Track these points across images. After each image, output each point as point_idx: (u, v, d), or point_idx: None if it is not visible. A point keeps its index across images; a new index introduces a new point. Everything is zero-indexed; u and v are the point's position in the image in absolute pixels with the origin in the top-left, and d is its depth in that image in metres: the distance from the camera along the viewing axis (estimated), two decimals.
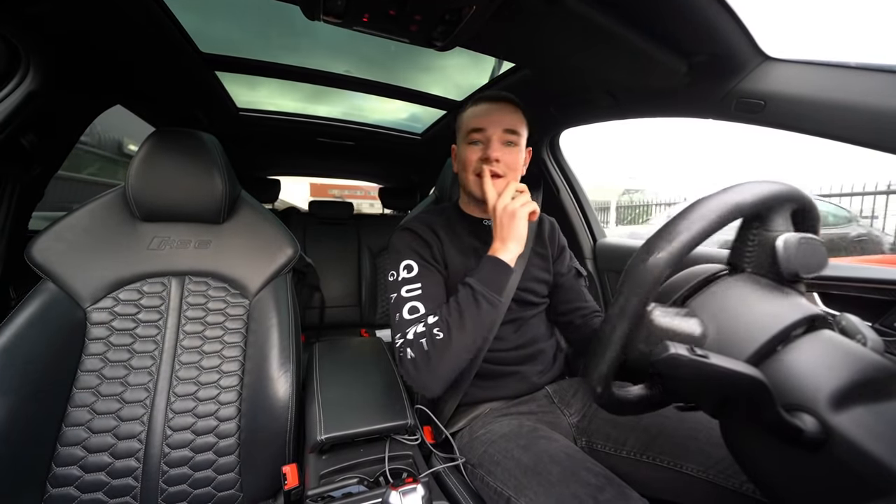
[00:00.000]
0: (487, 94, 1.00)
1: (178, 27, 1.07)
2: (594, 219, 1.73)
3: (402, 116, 2.03)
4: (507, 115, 0.95)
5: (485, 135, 0.94)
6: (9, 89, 0.92)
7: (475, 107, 0.98)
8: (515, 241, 0.84)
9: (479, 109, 0.97)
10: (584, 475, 0.67)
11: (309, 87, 1.61)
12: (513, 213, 0.83)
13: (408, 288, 0.87)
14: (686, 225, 0.45)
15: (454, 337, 0.78)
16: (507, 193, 0.85)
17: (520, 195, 0.85)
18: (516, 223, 0.83)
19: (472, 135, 0.95)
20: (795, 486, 0.43)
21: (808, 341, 0.44)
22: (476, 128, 0.94)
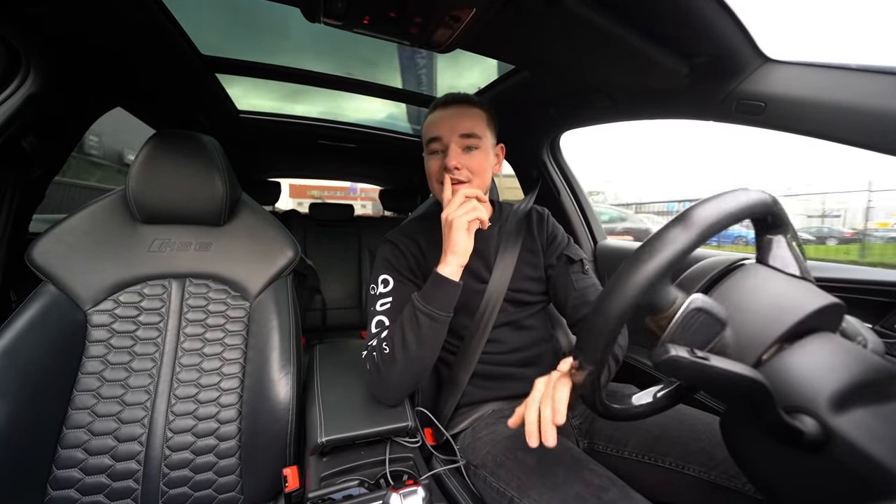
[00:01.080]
0: (442, 98, 0.97)
1: (178, 29, 1.07)
2: (595, 221, 1.73)
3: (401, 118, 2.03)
4: (463, 119, 0.92)
5: (442, 143, 0.92)
6: (9, 91, 0.92)
7: (431, 114, 0.96)
8: (454, 252, 0.81)
9: (435, 117, 0.95)
10: (589, 476, 0.67)
11: (308, 89, 1.61)
12: (450, 224, 0.80)
13: (381, 302, 0.91)
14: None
15: (397, 352, 0.81)
16: (454, 203, 0.81)
17: (467, 202, 0.81)
18: (453, 234, 0.80)
19: (430, 144, 0.94)
20: (796, 487, 0.43)
21: (809, 343, 0.44)
22: (432, 137, 0.93)
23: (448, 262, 0.82)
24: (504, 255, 0.99)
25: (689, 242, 0.42)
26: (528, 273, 1.02)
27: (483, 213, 0.82)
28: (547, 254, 1.05)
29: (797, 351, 0.43)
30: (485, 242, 1.02)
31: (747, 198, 0.45)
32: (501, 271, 0.98)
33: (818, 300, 0.45)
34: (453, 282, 0.82)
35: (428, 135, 0.94)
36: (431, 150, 0.94)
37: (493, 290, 0.96)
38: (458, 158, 0.90)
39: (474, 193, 0.83)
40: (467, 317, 0.96)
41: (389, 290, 0.91)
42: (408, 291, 0.91)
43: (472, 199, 0.82)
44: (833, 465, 0.38)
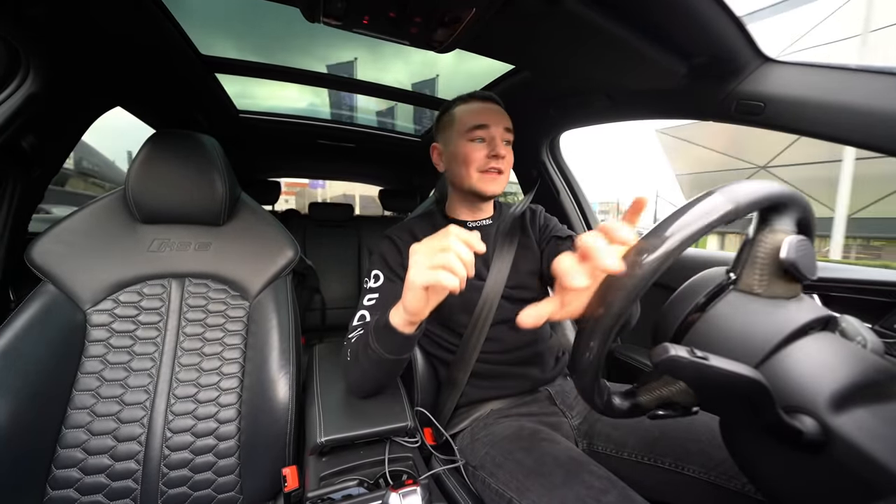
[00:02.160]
0: (478, 93, 1.00)
1: (178, 29, 1.07)
2: (595, 221, 1.73)
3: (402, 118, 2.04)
4: (502, 115, 0.97)
5: (489, 132, 0.94)
6: (9, 91, 0.92)
7: (469, 104, 0.98)
8: (405, 308, 0.69)
9: (475, 107, 0.96)
10: (588, 478, 0.67)
11: (309, 89, 1.61)
12: (408, 283, 0.65)
13: (368, 297, 0.91)
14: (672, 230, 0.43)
15: (350, 365, 0.82)
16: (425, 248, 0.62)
17: (442, 254, 0.60)
18: (406, 291, 0.66)
19: (475, 132, 0.94)
20: (795, 487, 0.43)
21: (808, 343, 0.44)
22: (479, 124, 0.94)
23: (397, 312, 0.71)
24: (501, 253, 1.00)
25: None
26: (527, 268, 1.02)
27: (451, 279, 0.58)
28: (540, 242, 1.08)
29: (797, 351, 0.43)
30: (486, 240, 1.02)
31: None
32: (498, 269, 0.98)
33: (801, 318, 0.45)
34: (400, 333, 0.71)
35: (472, 122, 0.94)
36: (475, 138, 0.94)
37: (490, 288, 0.97)
38: (504, 149, 0.94)
39: (465, 240, 0.60)
40: (465, 315, 0.96)
41: (378, 286, 0.92)
42: (395, 290, 0.91)
43: (448, 251, 0.59)
44: (833, 465, 0.38)
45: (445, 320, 0.99)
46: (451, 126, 0.99)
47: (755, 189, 0.44)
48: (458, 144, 0.96)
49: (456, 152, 0.97)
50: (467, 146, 0.95)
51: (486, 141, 0.94)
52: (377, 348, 0.74)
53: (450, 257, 0.59)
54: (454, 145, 0.97)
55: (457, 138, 0.97)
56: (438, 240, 0.61)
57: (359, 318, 0.88)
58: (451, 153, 0.98)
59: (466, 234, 0.61)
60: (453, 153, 0.98)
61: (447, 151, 1.00)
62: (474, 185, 0.96)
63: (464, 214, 1.05)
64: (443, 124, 1.02)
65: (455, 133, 0.97)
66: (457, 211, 1.05)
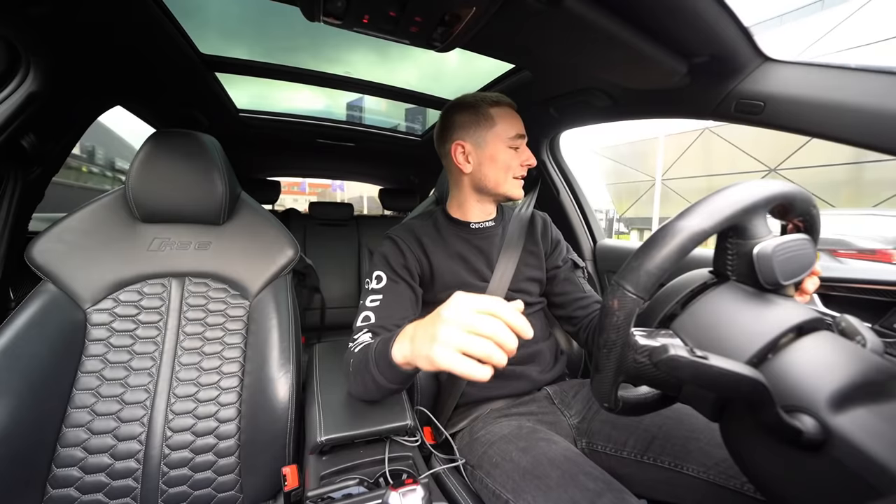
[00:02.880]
0: (507, 100, 0.99)
1: (178, 29, 1.07)
2: (594, 220, 1.73)
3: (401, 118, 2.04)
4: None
5: (523, 142, 0.98)
6: (9, 90, 0.92)
7: (504, 109, 0.97)
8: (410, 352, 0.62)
9: (512, 114, 0.98)
10: (583, 480, 0.67)
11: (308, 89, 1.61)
12: (428, 356, 0.54)
13: (371, 298, 0.91)
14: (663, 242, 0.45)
15: (352, 378, 0.81)
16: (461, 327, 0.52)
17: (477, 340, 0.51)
18: (420, 358, 0.58)
19: (516, 140, 0.96)
20: (795, 486, 0.43)
21: (808, 342, 0.44)
22: (520, 134, 0.97)
23: (402, 347, 0.64)
24: (506, 256, 1.00)
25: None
26: (529, 274, 1.02)
27: (483, 373, 0.51)
28: (551, 258, 1.09)
29: (796, 350, 0.43)
30: (489, 242, 1.02)
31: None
32: (502, 271, 0.98)
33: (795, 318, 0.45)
34: (402, 370, 0.66)
35: (515, 130, 0.97)
36: (515, 146, 0.97)
37: (493, 290, 0.97)
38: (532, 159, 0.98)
39: (517, 327, 0.52)
40: None
41: (381, 287, 0.92)
42: (399, 291, 0.92)
43: (489, 337, 0.51)
44: (832, 464, 0.38)
45: None
46: (487, 127, 0.95)
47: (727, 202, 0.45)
48: (499, 149, 0.96)
49: (495, 156, 0.96)
50: (508, 153, 0.96)
51: (521, 150, 0.98)
52: (378, 376, 0.70)
53: (489, 347, 0.50)
54: (493, 148, 0.95)
55: (496, 142, 0.95)
56: (479, 313, 0.51)
57: (363, 318, 0.88)
58: (488, 156, 0.96)
59: (517, 316, 0.51)
60: (491, 156, 0.96)
61: (478, 152, 0.96)
62: (508, 189, 0.98)
63: (469, 215, 1.04)
64: (472, 123, 0.97)
65: (493, 136, 0.95)
66: (461, 211, 1.05)
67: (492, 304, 0.52)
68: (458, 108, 0.99)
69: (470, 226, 1.03)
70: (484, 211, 1.05)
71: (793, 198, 0.49)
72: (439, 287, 0.97)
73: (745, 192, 0.46)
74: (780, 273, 0.45)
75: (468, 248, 1.01)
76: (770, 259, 0.45)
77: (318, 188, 17.79)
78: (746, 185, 0.47)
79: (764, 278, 0.46)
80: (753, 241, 0.47)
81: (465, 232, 1.03)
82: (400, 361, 0.64)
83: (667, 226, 0.46)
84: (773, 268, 0.45)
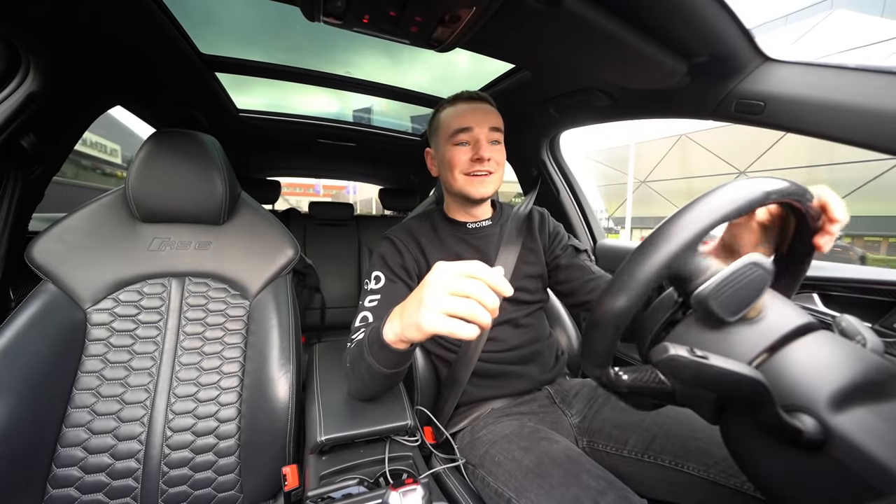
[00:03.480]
0: (464, 94, 0.99)
1: (178, 29, 1.07)
2: (594, 220, 1.74)
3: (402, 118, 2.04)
4: (490, 113, 0.96)
5: (472, 134, 0.94)
6: (9, 90, 0.92)
7: (454, 107, 0.97)
8: (399, 327, 0.63)
9: (460, 109, 0.96)
10: (586, 478, 0.67)
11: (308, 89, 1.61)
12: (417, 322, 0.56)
13: (369, 298, 0.91)
14: None
15: (349, 373, 0.81)
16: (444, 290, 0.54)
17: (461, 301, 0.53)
18: (409, 328, 0.59)
19: (458, 135, 0.94)
20: (795, 486, 0.43)
21: (808, 342, 0.44)
22: (462, 127, 0.93)
23: (392, 325, 0.65)
24: (504, 254, 1.00)
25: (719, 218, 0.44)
26: (528, 271, 1.02)
27: (469, 331, 0.52)
28: (550, 250, 1.08)
29: (796, 350, 0.43)
30: (486, 241, 1.02)
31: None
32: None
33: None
34: (394, 349, 0.67)
35: (455, 126, 0.94)
36: (458, 142, 0.94)
37: None
38: (489, 150, 0.93)
39: (494, 286, 0.53)
40: None
41: (379, 287, 0.92)
42: (396, 291, 0.92)
43: (471, 296, 0.52)
44: (833, 463, 0.38)
45: None
46: (437, 129, 0.99)
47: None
48: (444, 149, 0.97)
49: (442, 157, 0.97)
50: (451, 150, 0.95)
51: (471, 144, 0.94)
52: (372, 362, 0.71)
53: (472, 306, 0.52)
54: (441, 150, 0.98)
55: (443, 143, 0.97)
56: (461, 276, 0.53)
57: (361, 319, 0.88)
58: (440, 157, 0.99)
59: (497, 276, 0.53)
60: (441, 157, 0.98)
61: (437, 156, 1.01)
62: (461, 188, 0.96)
63: (462, 216, 1.04)
64: (432, 129, 1.02)
65: (441, 137, 0.98)
66: (454, 213, 1.05)
67: (471, 266, 0.54)
68: (431, 117, 1.03)
69: (467, 226, 1.03)
70: (472, 213, 1.05)
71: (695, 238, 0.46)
72: None
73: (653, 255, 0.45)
74: (722, 312, 0.45)
75: (465, 248, 1.01)
76: (706, 303, 0.45)
77: (333, 189, 17.98)
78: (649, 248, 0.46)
79: (710, 318, 0.46)
80: (692, 283, 0.47)
81: (461, 232, 1.03)
82: (392, 339, 0.66)
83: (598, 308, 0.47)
84: (714, 310, 0.45)
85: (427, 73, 1.61)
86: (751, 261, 0.45)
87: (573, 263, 1.04)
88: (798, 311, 0.47)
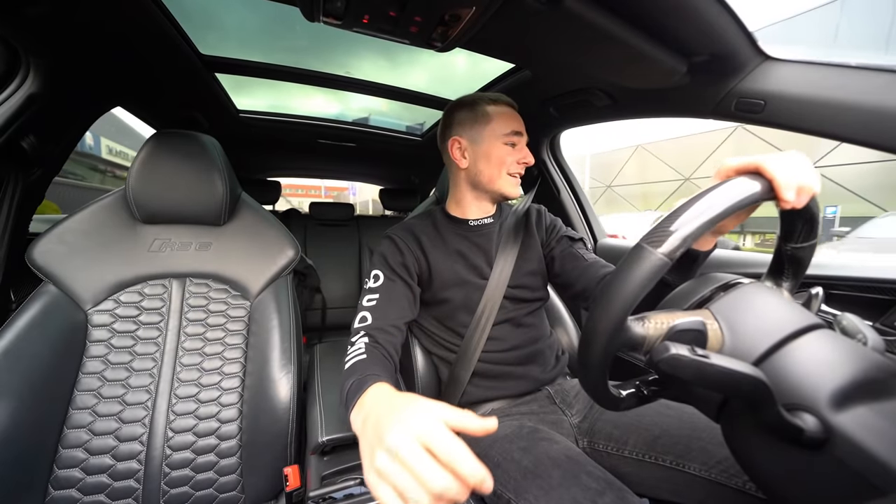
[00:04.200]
0: (506, 98, 1.00)
1: (178, 29, 1.07)
2: (595, 219, 1.73)
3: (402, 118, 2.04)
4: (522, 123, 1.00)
5: (521, 139, 0.98)
6: (9, 92, 0.92)
7: (501, 107, 0.98)
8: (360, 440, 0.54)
9: (506, 111, 0.98)
10: (585, 479, 0.67)
11: (309, 92, 1.61)
12: (373, 461, 0.46)
13: (369, 297, 0.91)
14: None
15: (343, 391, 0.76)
16: (415, 434, 0.45)
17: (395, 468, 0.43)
18: (368, 467, 0.48)
19: (511, 137, 0.96)
20: (796, 485, 0.43)
21: (809, 341, 0.44)
22: (516, 130, 0.97)
23: (356, 421, 0.60)
24: (504, 252, 1.00)
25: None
26: (529, 268, 1.02)
27: (419, 499, 0.41)
28: (547, 244, 1.08)
29: (797, 349, 0.43)
30: (487, 238, 1.02)
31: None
32: (501, 268, 0.98)
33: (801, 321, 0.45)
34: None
35: (511, 127, 0.96)
36: (511, 142, 0.97)
37: (493, 287, 0.97)
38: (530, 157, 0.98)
39: (467, 463, 0.43)
40: (467, 314, 0.97)
41: (378, 286, 0.92)
42: (395, 290, 0.92)
43: (441, 461, 0.43)
44: (834, 462, 0.38)
45: (447, 319, 0.99)
46: (483, 124, 0.97)
47: None
48: (494, 145, 0.96)
49: (489, 152, 0.96)
50: (503, 149, 0.96)
51: (518, 147, 0.97)
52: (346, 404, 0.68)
53: (407, 483, 0.42)
54: (488, 144, 0.96)
55: (492, 138, 0.96)
56: (421, 445, 0.44)
57: (360, 319, 0.88)
58: (483, 152, 0.97)
59: (466, 462, 0.42)
60: (486, 152, 0.96)
61: (474, 148, 0.98)
62: (502, 186, 0.98)
63: (468, 213, 1.04)
64: (471, 120, 0.98)
65: (489, 132, 0.96)
66: (460, 209, 1.05)
67: (442, 441, 0.44)
68: (458, 106, 1.01)
69: (468, 223, 1.03)
70: (482, 209, 1.05)
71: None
72: (438, 286, 0.97)
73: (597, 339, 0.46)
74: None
75: (467, 245, 1.01)
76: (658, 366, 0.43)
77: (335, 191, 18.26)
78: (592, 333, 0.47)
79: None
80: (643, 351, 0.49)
81: (463, 229, 1.03)
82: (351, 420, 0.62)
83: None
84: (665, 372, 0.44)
85: (425, 74, 1.61)
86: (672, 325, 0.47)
87: (568, 253, 1.03)
88: (801, 311, 0.47)
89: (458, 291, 0.97)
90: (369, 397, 0.62)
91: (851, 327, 0.46)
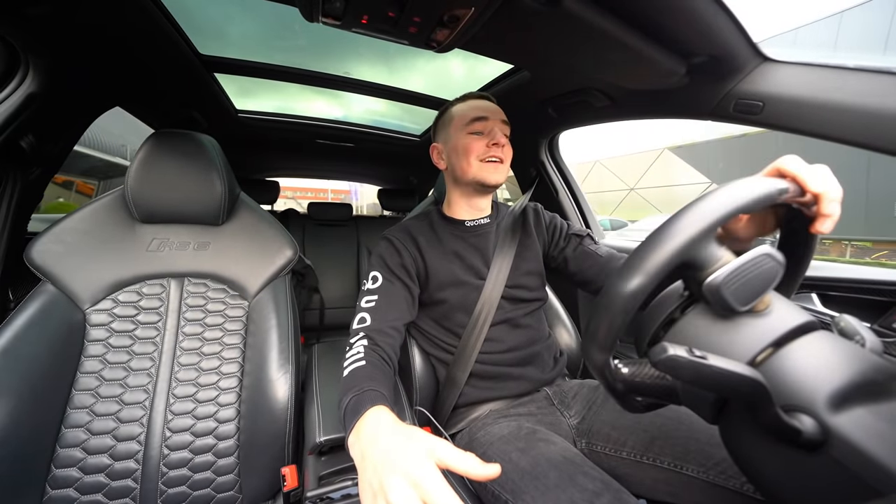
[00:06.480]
0: (474, 93, 1.03)
1: (177, 29, 1.07)
2: (593, 219, 1.73)
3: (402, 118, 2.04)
4: (500, 110, 1.00)
5: (487, 124, 0.97)
6: (8, 91, 0.92)
7: (467, 102, 1.01)
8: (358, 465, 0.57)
9: (475, 103, 1.00)
10: (582, 480, 0.66)
11: (308, 89, 1.61)
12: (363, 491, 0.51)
13: (367, 299, 0.91)
14: None
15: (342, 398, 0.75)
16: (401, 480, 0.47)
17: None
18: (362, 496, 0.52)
19: (474, 124, 0.97)
20: (794, 486, 0.43)
21: (807, 342, 0.44)
22: (479, 116, 0.97)
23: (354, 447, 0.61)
24: (502, 252, 1.00)
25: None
26: (527, 268, 1.02)
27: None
28: (553, 244, 1.09)
29: (795, 350, 0.43)
30: (484, 239, 1.02)
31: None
32: (499, 268, 0.98)
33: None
34: None
35: (471, 115, 0.97)
36: (474, 130, 0.97)
37: (490, 288, 0.97)
38: (503, 139, 0.96)
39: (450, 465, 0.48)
40: (465, 315, 0.96)
41: (376, 287, 0.92)
42: (393, 291, 0.92)
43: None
44: (832, 464, 0.38)
45: (444, 320, 0.99)
46: (450, 123, 1.01)
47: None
48: (458, 138, 0.98)
49: (456, 145, 0.98)
50: (467, 138, 0.97)
51: (486, 133, 0.97)
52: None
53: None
54: (454, 139, 0.99)
55: (456, 133, 0.99)
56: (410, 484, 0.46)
57: (358, 320, 0.88)
58: (452, 148, 1.00)
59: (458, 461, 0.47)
60: (454, 147, 0.99)
61: (447, 148, 1.02)
62: (476, 174, 0.97)
63: (462, 213, 1.05)
64: (442, 123, 1.04)
65: (454, 128, 0.99)
66: (455, 210, 1.05)
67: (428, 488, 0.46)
68: (438, 114, 1.07)
69: (465, 224, 1.04)
70: (474, 206, 1.05)
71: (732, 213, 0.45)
72: (435, 286, 0.97)
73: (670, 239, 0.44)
74: (734, 301, 0.45)
75: (464, 246, 1.01)
76: (719, 291, 0.44)
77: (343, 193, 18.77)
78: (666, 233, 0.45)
79: (721, 307, 0.46)
80: (704, 272, 0.46)
81: (459, 230, 1.03)
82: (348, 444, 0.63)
83: (608, 289, 0.46)
84: (726, 299, 0.44)
85: (423, 77, 1.61)
86: (763, 252, 0.45)
87: (581, 252, 1.05)
88: (800, 310, 0.47)
89: (455, 292, 0.97)
90: (366, 427, 0.61)
91: (849, 329, 0.46)
